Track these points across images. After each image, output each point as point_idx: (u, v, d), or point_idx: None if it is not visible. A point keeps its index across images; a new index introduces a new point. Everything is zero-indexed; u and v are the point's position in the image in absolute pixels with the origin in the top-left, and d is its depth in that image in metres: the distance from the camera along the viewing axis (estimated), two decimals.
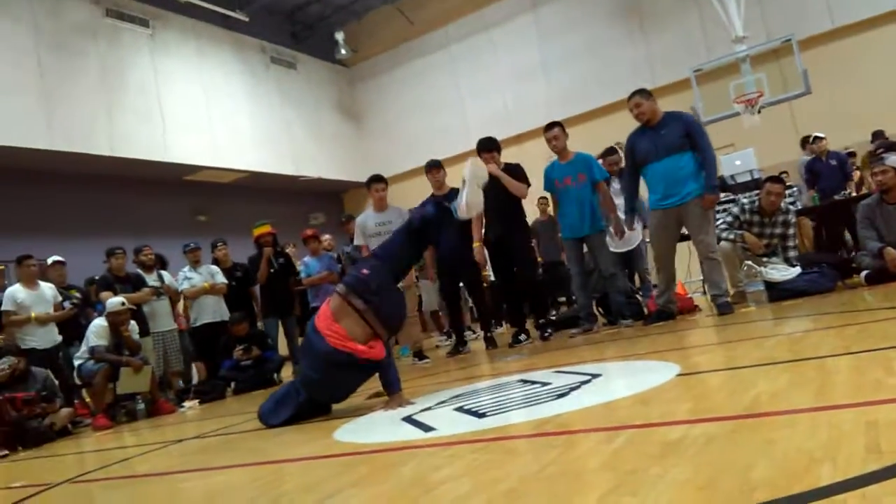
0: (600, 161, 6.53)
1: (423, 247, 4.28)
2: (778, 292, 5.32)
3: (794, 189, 8.07)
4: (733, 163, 8.56)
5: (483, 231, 6.16)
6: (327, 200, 16.42)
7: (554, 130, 6.02)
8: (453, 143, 14.01)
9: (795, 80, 9.90)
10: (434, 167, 6.61)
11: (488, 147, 6.12)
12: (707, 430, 1.70)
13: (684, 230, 5.55)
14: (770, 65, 10.58)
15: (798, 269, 5.47)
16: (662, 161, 5.23)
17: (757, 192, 6.54)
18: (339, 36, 15.92)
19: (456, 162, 11.70)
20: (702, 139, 5.20)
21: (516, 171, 6.10)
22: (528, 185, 6.10)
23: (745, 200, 6.07)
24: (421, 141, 15.41)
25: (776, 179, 5.93)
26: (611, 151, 7.07)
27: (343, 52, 16.10)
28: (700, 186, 5.17)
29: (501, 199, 5.93)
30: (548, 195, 6.82)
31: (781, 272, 5.45)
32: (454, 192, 6.48)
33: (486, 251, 6.29)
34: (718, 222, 6.10)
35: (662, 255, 5.47)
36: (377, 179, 6.63)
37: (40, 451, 5.00)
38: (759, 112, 9.82)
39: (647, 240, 8.76)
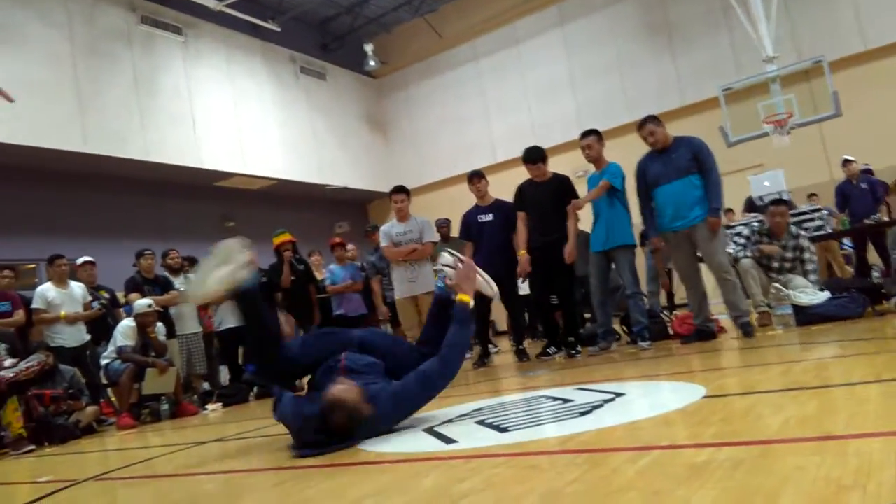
0: None
1: None
2: (806, 316, 5.25)
3: (824, 212, 7.97)
4: (762, 183, 8.49)
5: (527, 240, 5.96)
6: (352, 210, 16.54)
7: (588, 139, 5.83)
8: (478, 156, 14.07)
9: (825, 102, 9.79)
10: (476, 176, 6.52)
11: (533, 158, 5.97)
12: (734, 453, 1.69)
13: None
14: (800, 85, 10.49)
15: (827, 294, 5.40)
16: (673, 183, 5.28)
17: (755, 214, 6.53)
18: (369, 48, 16.09)
19: None
20: (707, 161, 5.23)
21: (565, 183, 5.98)
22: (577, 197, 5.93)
23: (755, 223, 6.07)
24: (446, 153, 15.51)
25: (778, 202, 5.97)
26: None
27: (372, 63, 16.26)
28: (706, 210, 5.19)
29: (544, 209, 5.88)
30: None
31: (810, 296, 5.39)
32: (498, 203, 6.44)
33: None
34: (730, 247, 6.03)
35: (686, 275, 5.47)
36: (397, 191, 6.68)
37: (66, 448, 5.09)
38: (788, 133, 9.72)
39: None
